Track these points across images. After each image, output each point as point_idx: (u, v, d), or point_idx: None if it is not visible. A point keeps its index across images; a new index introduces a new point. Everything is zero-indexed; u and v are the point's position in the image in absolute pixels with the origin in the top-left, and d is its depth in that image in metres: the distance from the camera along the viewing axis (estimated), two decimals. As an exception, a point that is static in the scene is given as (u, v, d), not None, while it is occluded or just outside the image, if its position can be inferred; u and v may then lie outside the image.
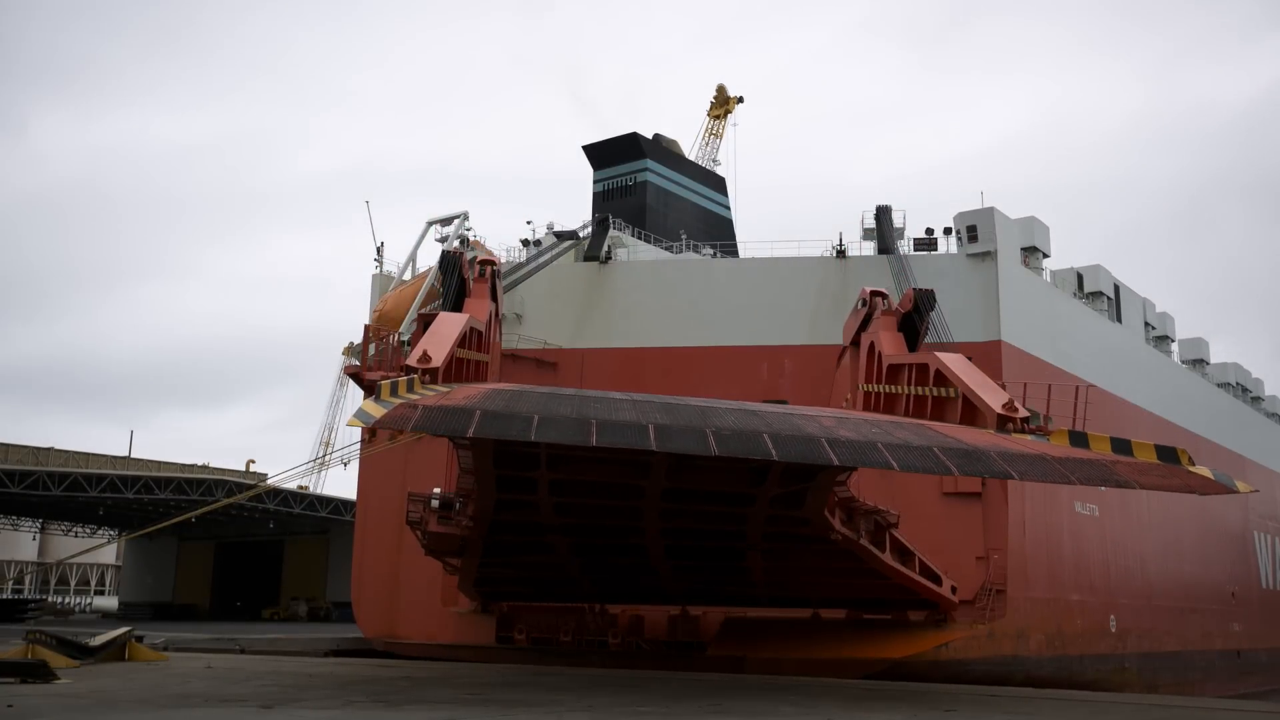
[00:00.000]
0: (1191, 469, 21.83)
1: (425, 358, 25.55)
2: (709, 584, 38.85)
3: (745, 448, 21.00)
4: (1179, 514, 68.19)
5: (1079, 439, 24.86)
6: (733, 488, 29.63)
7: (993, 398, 27.68)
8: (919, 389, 31.92)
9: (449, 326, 29.76)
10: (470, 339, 31.61)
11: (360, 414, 20.31)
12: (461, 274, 35.24)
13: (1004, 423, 26.27)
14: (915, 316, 35.68)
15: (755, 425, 22.47)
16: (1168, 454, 22.52)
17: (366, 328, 48.34)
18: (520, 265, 53.98)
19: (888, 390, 34.58)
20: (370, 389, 24.59)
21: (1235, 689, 63.99)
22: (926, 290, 35.23)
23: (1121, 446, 23.40)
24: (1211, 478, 21.63)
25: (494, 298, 37.18)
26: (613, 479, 29.19)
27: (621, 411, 22.76)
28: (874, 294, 38.68)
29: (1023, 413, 26.75)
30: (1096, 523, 57.07)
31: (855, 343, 39.87)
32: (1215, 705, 30.70)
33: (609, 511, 32.14)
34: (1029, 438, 25.37)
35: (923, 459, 21.12)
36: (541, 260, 54.40)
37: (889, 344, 35.69)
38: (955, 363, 30.64)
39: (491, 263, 38.54)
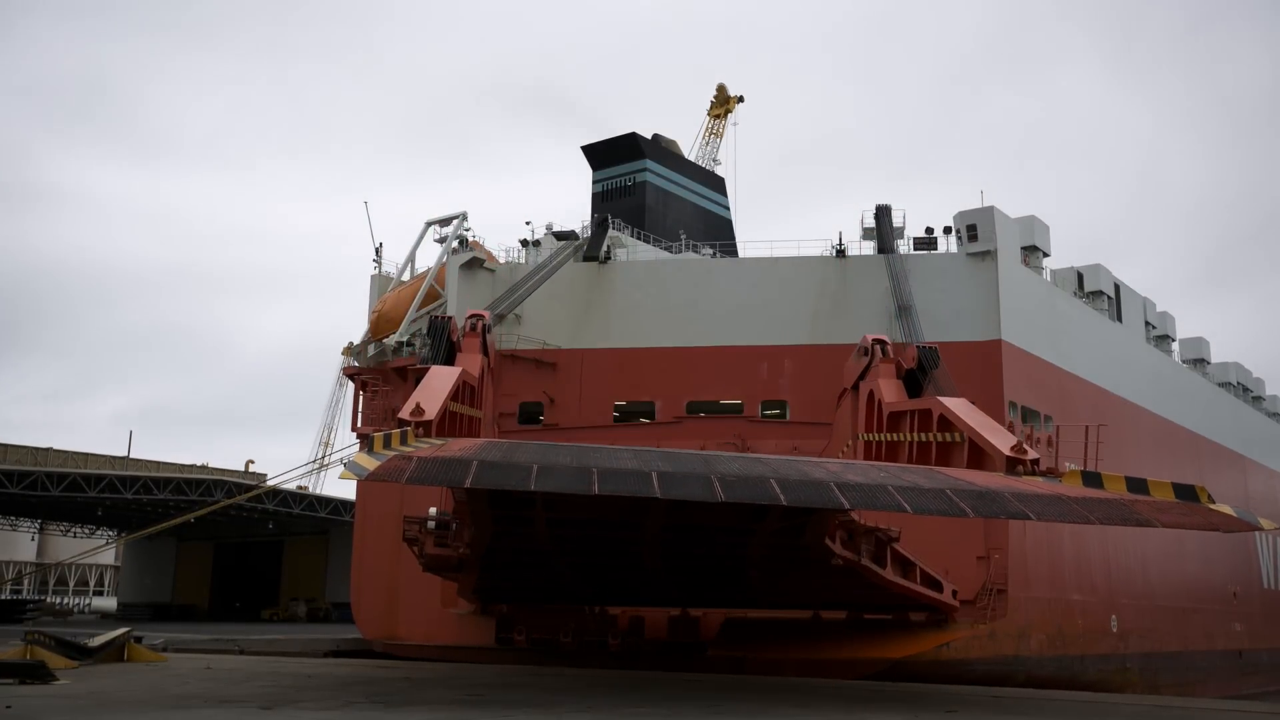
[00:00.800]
0: (1212, 507, 21.14)
1: (418, 410, 25.18)
2: (710, 592, 38.76)
3: (752, 493, 20.42)
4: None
5: (1093, 479, 24.14)
6: (733, 523, 29.32)
7: (1000, 440, 27.11)
8: (922, 435, 31.35)
9: (441, 380, 29.34)
10: (463, 394, 31.26)
11: (352, 466, 19.86)
12: (450, 338, 34.60)
13: (1013, 465, 25.64)
14: (919, 374, 34.90)
15: (760, 471, 22.04)
16: (1186, 492, 21.80)
17: (358, 384, 47.17)
18: (527, 277, 53.77)
19: (889, 439, 33.96)
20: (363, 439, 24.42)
21: (1237, 689, 63.90)
22: (930, 348, 34.53)
23: (1137, 486, 22.69)
24: (1233, 515, 20.81)
25: (485, 352, 36.75)
26: (610, 517, 28.81)
27: (622, 460, 22.43)
28: (876, 342, 38.06)
29: (1032, 455, 26.05)
30: (1097, 522, 56.90)
31: (855, 388, 39.46)
32: (1217, 706, 30.61)
33: (607, 541, 31.85)
34: (1040, 479, 24.74)
35: (935, 501, 20.49)
36: (548, 269, 54.29)
37: (889, 391, 35.11)
38: (959, 406, 29.98)
39: (481, 316, 38.09)
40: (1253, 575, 78.86)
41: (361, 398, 49.73)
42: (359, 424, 34.63)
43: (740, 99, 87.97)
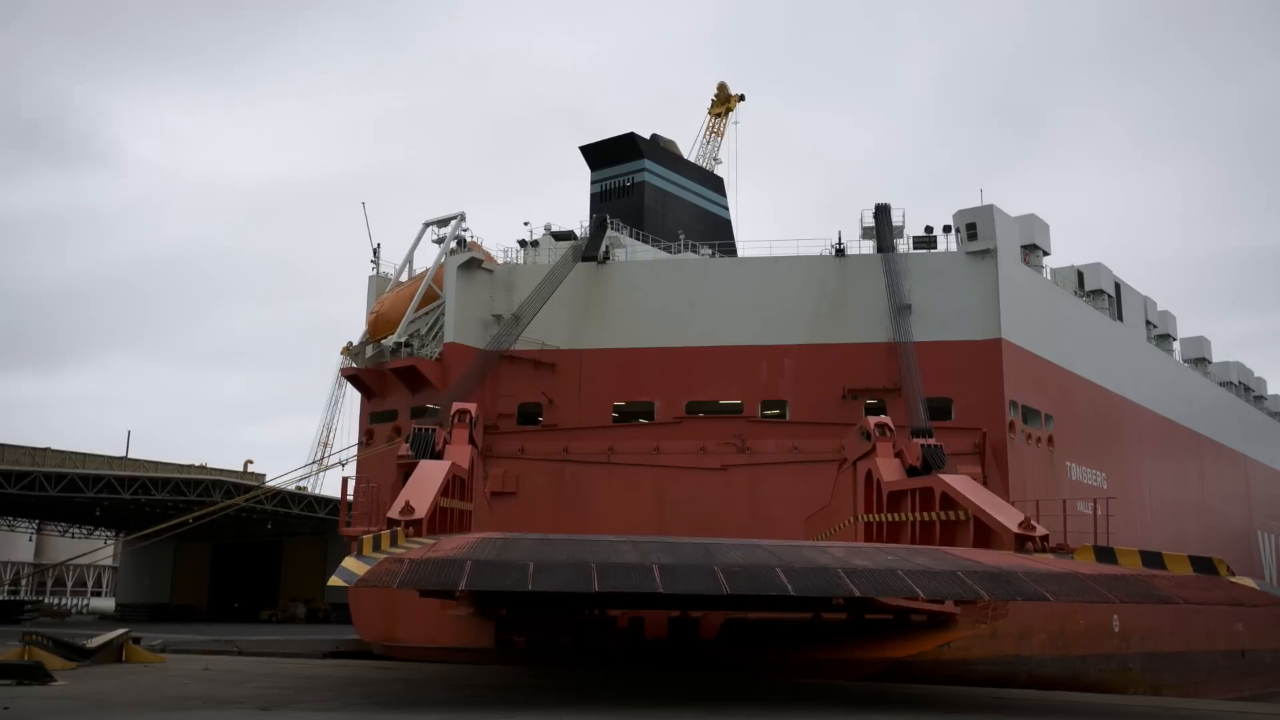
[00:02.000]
0: (1233, 580, 20.35)
1: (408, 509, 24.74)
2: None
3: (757, 584, 19.69)
4: (1182, 513, 68.08)
5: (1105, 554, 23.30)
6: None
7: (1007, 517, 26.32)
8: (925, 515, 30.81)
9: (431, 475, 28.85)
10: (453, 488, 30.92)
11: (342, 572, 19.08)
12: (434, 448, 33.80)
13: (1022, 542, 24.96)
14: (923, 472, 34.14)
15: (764, 559, 21.51)
16: (1203, 565, 21.04)
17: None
18: (538, 289, 53.52)
19: (890, 519, 33.36)
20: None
21: (1239, 690, 63.76)
22: (935, 446, 33.82)
23: (1152, 560, 21.91)
24: (1255, 588, 20.13)
25: (473, 442, 36.43)
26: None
27: (621, 552, 22.08)
28: (878, 425, 37.33)
29: (1041, 531, 25.32)
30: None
31: (855, 464, 38.87)
32: (1219, 707, 30.47)
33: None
34: (1051, 556, 24.08)
35: (948, 585, 19.78)
36: (556, 275, 54.06)
37: (888, 470, 34.47)
38: (961, 484, 29.27)
39: (468, 410, 37.64)
40: (1255, 575, 78.66)
41: (352, 496, 47.33)
42: (348, 524, 33.13)
43: (741, 98, 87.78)
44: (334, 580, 18.72)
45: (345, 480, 33.22)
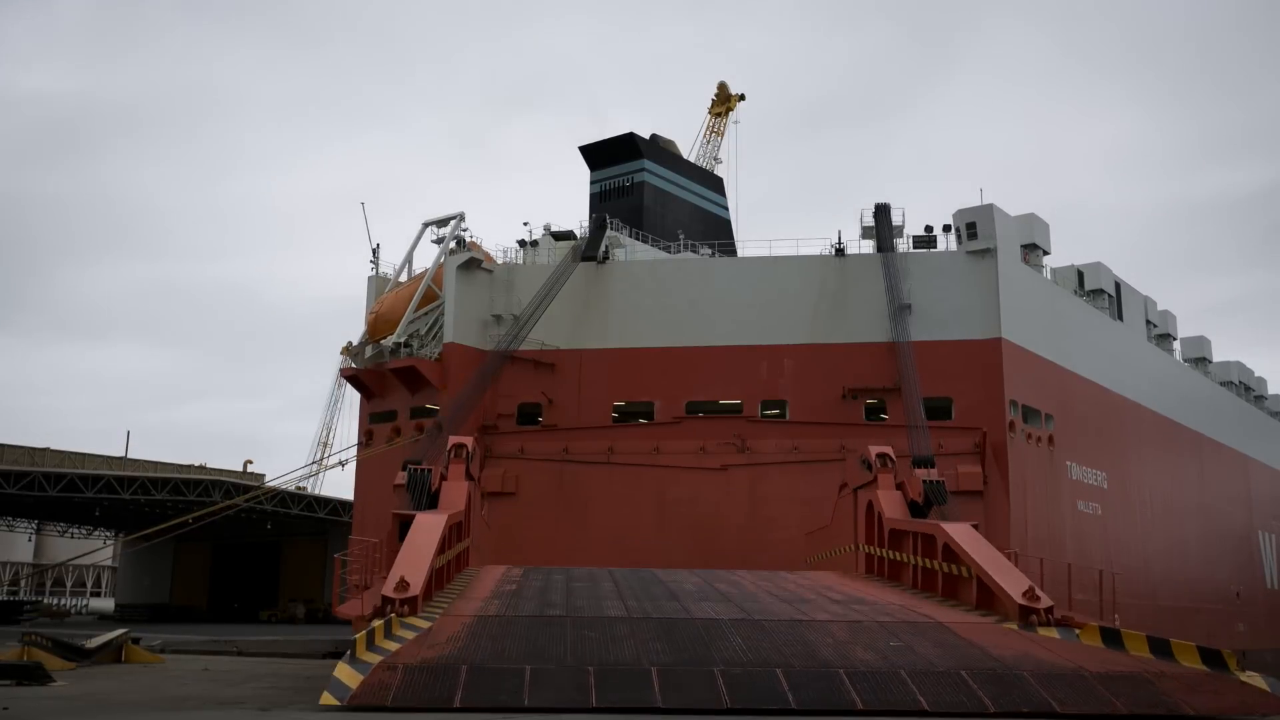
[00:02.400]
0: (1242, 679, 19.84)
1: (402, 585, 24.65)
2: None
3: (759, 696, 20.00)
4: (1183, 513, 68.00)
5: (1112, 637, 23.11)
6: None
7: (1012, 584, 25.77)
8: (927, 561, 30.72)
9: (428, 534, 28.48)
10: (450, 537, 30.70)
11: (335, 686, 18.64)
12: (430, 490, 33.56)
13: (1026, 614, 24.58)
14: (924, 510, 34.00)
15: (766, 655, 21.47)
16: (1212, 657, 20.81)
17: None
18: (540, 293, 53.40)
19: (892, 557, 33.30)
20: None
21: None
22: (937, 482, 33.75)
23: (1159, 646, 21.77)
24: (1267, 690, 19.53)
25: (470, 475, 36.27)
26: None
27: (619, 642, 22.19)
28: (879, 455, 37.28)
29: (1045, 602, 24.77)
30: (1099, 521, 56.89)
31: (855, 491, 38.67)
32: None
33: None
34: (1056, 633, 23.71)
35: (953, 692, 19.73)
36: (559, 278, 53.97)
37: (889, 505, 34.06)
38: (963, 536, 28.85)
39: (465, 445, 37.62)
40: (1255, 576, 78.74)
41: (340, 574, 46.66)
42: (342, 599, 32.66)
43: (741, 97, 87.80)
44: (326, 698, 18.38)
45: (338, 559, 32.59)
